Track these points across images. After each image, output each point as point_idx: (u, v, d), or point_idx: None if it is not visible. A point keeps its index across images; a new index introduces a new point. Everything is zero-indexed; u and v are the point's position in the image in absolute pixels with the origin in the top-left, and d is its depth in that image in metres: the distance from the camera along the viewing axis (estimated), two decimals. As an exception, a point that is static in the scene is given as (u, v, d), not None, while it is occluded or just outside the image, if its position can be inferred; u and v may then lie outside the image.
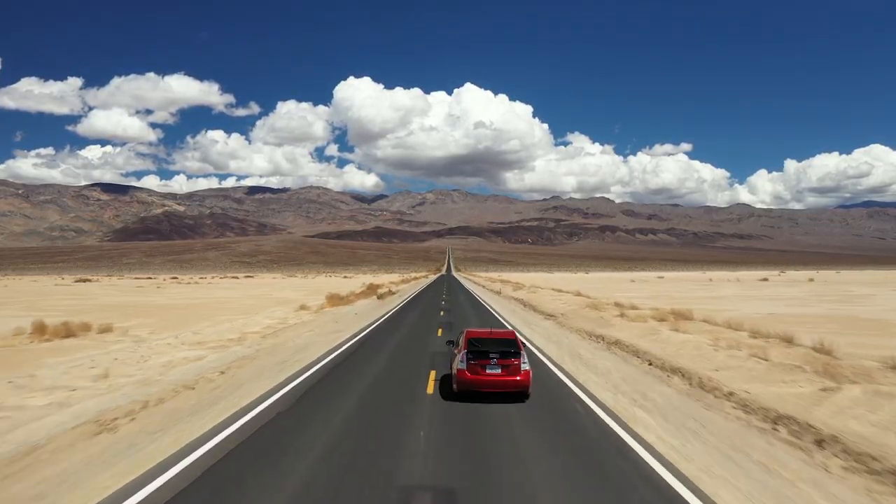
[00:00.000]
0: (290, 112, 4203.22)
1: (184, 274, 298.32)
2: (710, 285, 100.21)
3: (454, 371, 14.94)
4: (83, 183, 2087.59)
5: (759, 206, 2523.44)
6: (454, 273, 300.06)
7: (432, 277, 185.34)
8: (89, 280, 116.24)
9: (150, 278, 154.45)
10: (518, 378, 14.08)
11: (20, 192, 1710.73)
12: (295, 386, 17.02)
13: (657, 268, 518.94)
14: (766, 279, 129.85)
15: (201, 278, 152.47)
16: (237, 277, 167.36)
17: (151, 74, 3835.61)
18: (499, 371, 14.05)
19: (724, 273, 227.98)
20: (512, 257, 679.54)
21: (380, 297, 59.31)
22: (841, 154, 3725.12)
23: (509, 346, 14.71)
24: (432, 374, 18.01)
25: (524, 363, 14.35)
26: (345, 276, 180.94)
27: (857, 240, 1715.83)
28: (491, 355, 14.21)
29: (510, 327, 31.62)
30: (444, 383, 16.32)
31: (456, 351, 15.91)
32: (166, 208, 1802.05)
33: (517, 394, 14.28)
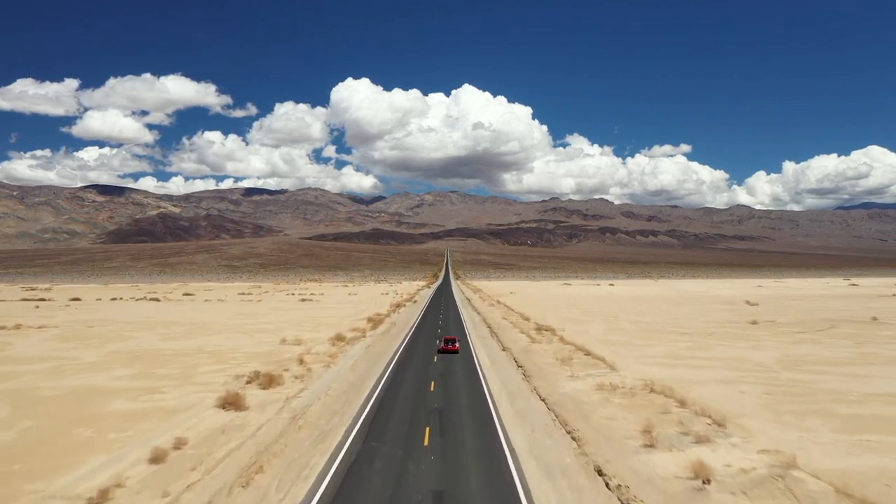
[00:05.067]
0: (288, 113, 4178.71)
1: (151, 283, 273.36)
2: None
3: (439, 347, 49.60)
4: (79, 185, 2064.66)
5: (758, 207, 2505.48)
6: (454, 286, 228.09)
7: (424, 297, 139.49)
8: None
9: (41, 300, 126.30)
10: (456, 348, 48.08)
11: (15, 193, 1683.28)
12: None
13: (664, 271, 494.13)
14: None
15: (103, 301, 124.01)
16: (157, 300, 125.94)
17: (147, 75, 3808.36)
18: (451, 346, 48.04)
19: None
20: (513, 260, 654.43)
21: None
22: (839, 156, 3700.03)
23: (455, 340, 50.17)
24: None
25: (458, 344, 49.65)
26: (302, 299, 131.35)
27: (859, 241, 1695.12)
28: (448, 342, 49.04)
29: None
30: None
31: (440, 342, 52.31)
32: (161, 210, 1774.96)
33: (456, 352, 47.41)
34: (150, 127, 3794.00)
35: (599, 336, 55.90)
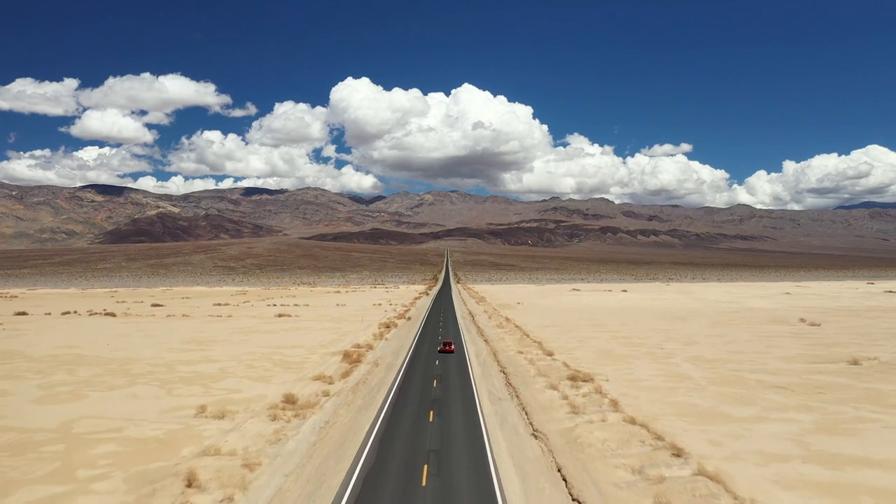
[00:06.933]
0: (288, 113, 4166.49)
1: (135, 287, 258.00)
2: None
3: (439, 348, 64.95)
4: (78, 184, 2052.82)
5: (758, 206, 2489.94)
6: (455, 294, 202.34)
7: (421, 312, 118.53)
8: None
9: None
10: (452, 349, 63.69)
11: (14, 193, 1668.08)
12: None
13: (670, 273, 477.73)
14: None
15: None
16: (113, 315, 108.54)
17: (146, 75, 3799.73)
18: (448, 347, 63.70)
19: None
20: (513, 261, 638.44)
21: None
22: (840, 155, 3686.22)
23: (452, 343, 65.41)
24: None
25: (454, 345, 65.17)
26: (280, 314, 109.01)
27: (861, 241, 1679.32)
28: (447, 344, 64.64)
29: None
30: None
31: (439, 345, 67.06)
32: (160, 210, 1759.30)
33: (453, 353, 62.31)
34: (150, 126, 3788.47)
35: (661, 391, 39.45)
